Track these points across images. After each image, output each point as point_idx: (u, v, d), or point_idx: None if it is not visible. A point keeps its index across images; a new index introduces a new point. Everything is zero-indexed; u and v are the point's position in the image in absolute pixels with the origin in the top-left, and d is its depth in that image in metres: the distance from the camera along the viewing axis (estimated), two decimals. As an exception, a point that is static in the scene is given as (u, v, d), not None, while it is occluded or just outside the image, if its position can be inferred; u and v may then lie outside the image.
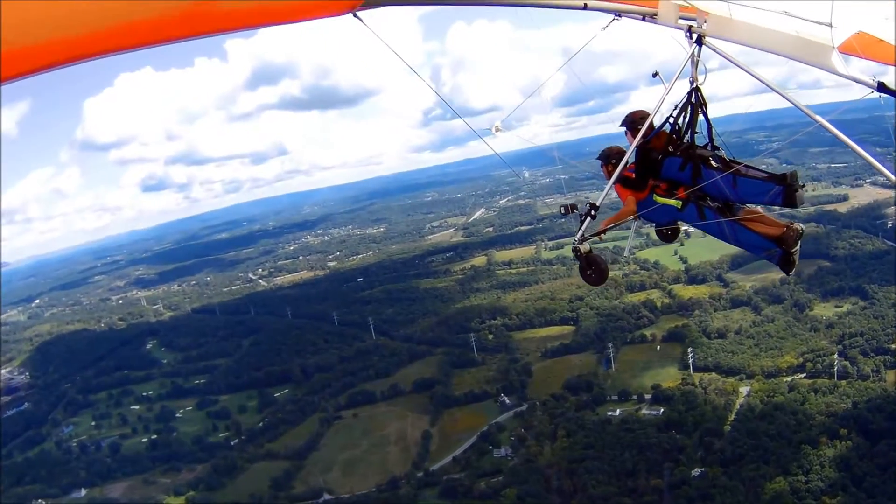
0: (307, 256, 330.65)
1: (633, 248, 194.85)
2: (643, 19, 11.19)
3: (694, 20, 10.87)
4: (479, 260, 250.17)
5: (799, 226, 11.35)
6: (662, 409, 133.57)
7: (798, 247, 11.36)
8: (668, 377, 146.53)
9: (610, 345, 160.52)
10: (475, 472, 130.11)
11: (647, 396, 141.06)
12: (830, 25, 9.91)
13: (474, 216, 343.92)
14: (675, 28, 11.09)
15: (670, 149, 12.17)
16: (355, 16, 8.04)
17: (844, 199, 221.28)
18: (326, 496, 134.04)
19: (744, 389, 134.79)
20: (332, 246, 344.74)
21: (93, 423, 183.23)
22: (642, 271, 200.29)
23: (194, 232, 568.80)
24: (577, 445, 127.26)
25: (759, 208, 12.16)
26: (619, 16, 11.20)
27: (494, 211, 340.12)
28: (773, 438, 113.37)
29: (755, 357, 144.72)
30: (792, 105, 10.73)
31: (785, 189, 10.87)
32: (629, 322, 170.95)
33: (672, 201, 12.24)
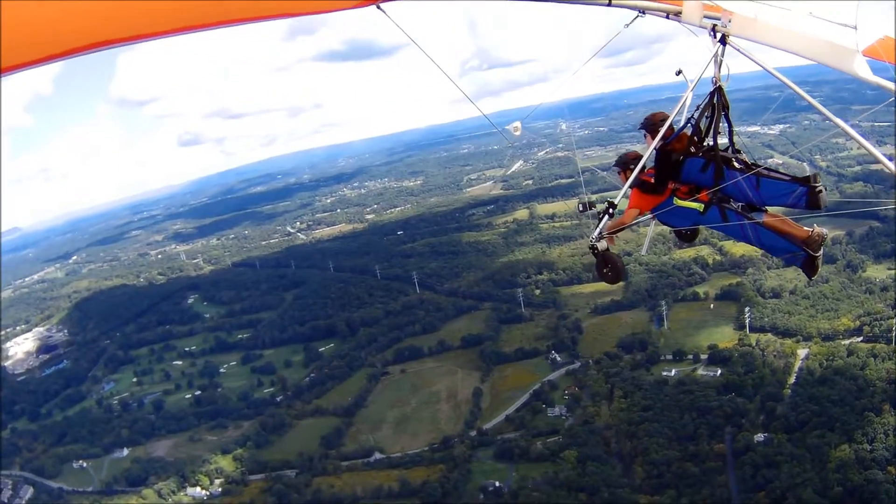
0: (345, 209, 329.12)
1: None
2: (667, 17, 11.01)
3: (718, 19, 10.69)
4: (521, 213, 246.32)
5: (823, 230, 11.36)
6: (720, 371, 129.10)
7: (822, 251, 11.41)
8: (724, 337, 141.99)
9: (663, 302, 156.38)
10: (530, 431, 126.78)
11: (703, 357, 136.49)
12: (855, 28, 9.74)
13: (512, 168, 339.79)
14: (699, 27, 10.93)
15: (692, 150, 11.97)
16: (378, 7, 7.89)
17: (890, 158, 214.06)
18: (378, 455, 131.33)
19: (802, 352, 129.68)
20: (370, 199, 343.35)
21: (134, 380, 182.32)
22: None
23: (230, 186, 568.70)
24: (634, 407, 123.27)
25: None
26: (644, 13, 11.05)
27: (533, 163, 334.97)
28: (835, 404, 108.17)
29: (811, 319, 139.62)
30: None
31: (809, 191, 10.92)
32: (680, 279, 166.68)
33: (694, 204, 12.02)
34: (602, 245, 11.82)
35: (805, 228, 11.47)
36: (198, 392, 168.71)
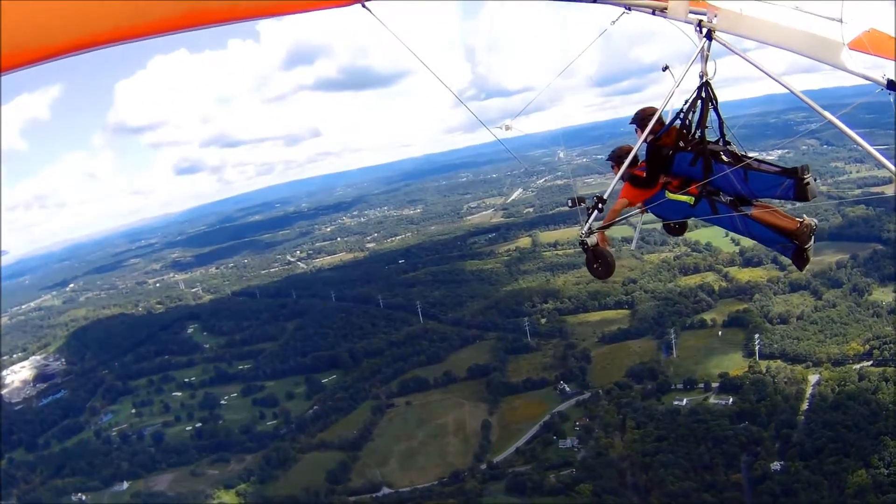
0: (345, 238, 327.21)
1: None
2: (653, 13, 10.99)
3: (704, 14, 10.68)
4: (524, 241, 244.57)
5: (813, 221, 11.38)
6: (732, 399, 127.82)
7: (812, 242, 11.43)
8: (734, 364, 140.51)
9: (671, 330, 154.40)
10: (542, 464, 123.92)
11: (714, 385, 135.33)
12: (841, 21, 9.72)
13: (512, 196, 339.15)
14: (685, 22, 10.93)
15: (681, 144, 12.04)
16: (363, 6, 7.87)
17: (891, 181, 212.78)
18: (386, 490, 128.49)
19: (813, 378, 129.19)
20: (369, 227, 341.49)
21: (133, 411, 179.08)
22: (694, 253, 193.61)
23: (228, 214, 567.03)
24: (648, 437, 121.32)
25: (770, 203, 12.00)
26: (630, 9, 11.04)
27: (532, 191, 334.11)
28: (849, 429, 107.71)
29: (820, 344, 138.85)
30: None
31: (796, 182, 10.90)
32: (687, 306, 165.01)
33: (685, 197, 12.10)
34: (592, 240, 11.98)
35: (794, 219, 11.50)
36: (198, 424, 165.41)
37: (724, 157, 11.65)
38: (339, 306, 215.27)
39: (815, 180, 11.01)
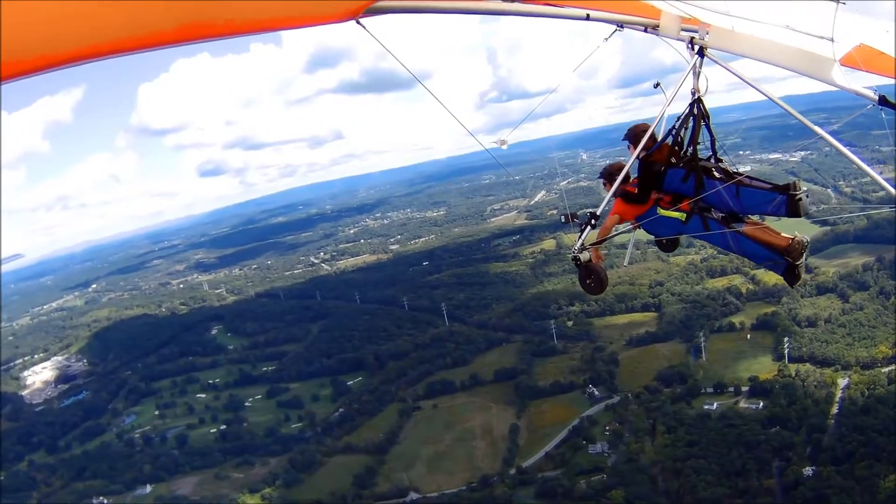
0: (368, 240, 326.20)
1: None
2: (645, 30, 11.17)
3: (696, 32, 10.77)
4: (548, 243, 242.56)
5: (805, 238, 11.27)
6: (762, 403, 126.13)
7: (804, 259, 11.27)
8: (763, 368, 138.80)
9: (701, 334, 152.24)
10: (572, 469, 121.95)
11: (744, 389, 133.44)
12: (832, 40, 9.65)
13: (536, 198, 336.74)
14: (678, 39, 11.07)
15: (673, 161, 11.93)
16: (358, 23, 7.92)
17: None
18: (413, 495, 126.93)
19: (842, 382, 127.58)
20: (393, 229, 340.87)
21: (156, 413, 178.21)
22: (721, 256, 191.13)
23: (251, 216, 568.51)
24: (679, 442, 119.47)
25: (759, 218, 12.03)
26: (622, 27, 11.17)
27: (556, 193, 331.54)
28: (880, 434, 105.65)
29: (849, 347, 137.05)
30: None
31: (788, 198, 10.80)
32: (715, 309, 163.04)
33: (676, 214, 11.98)
34: (585, 256, 11.69)
35: (786, 236, 11.33)
36: (223, 426, 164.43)
37: (715, 174, 11.58)
38: (364, 308, 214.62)
39: (807, 196, 10.93)
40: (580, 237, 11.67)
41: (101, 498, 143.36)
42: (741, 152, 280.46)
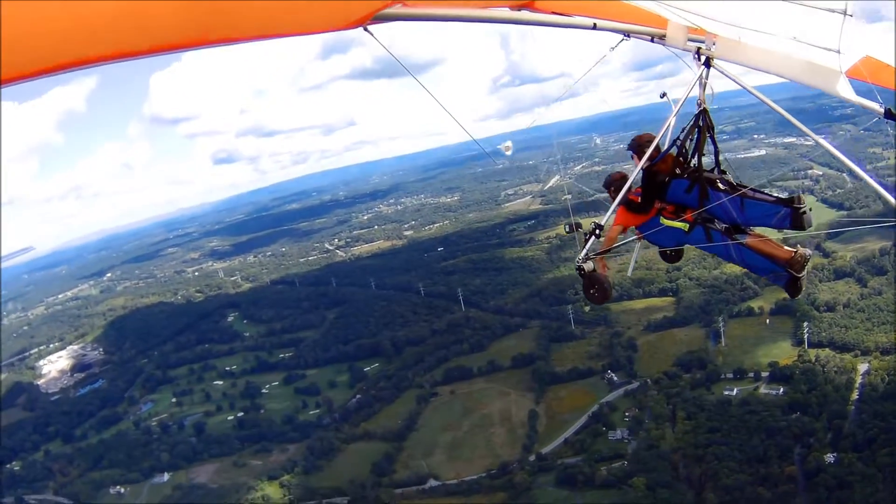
0: (382, 226, 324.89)
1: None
2: (652, 40, 11.12)
3: (702, 42, 10.89)
4: (563, 229, 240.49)
5: (807, 251, 11.27)
6: (783, 389, 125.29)
7: (805, 273, 11.35)
8: (783, 353, 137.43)
9: (720, 318, 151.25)
10: (592, 456, 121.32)
11: (764, 374, 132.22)
12: (838, 52, 9.54)
13: (550, 183, 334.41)
14: (684, 50, 11.05)
15: (677, 171, 12.02)
16: (366, 30, 7.89)
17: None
18: (433, 482, 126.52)
19: (862, 367, 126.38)
20: (407, 215, 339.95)
21: (173, 401, 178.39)
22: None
23: (265, 203, 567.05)
24: (700, 429, 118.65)
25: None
26: (629, 36, 11.19)
27: (570, 177, 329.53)
28: None
29: (868, 332, 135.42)
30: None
31: (792, 211, 10.93)
32: (733, 294, 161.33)
33: (679, 224, 12.05)
34: (589, 266, 11.89)
35: (788, 249, 11.40)
36: (240, 414, 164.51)
37: (720, 185, 11.63)
38: (380, 294, 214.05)
39: (810, 210, 11.04)
40: (584, 247, 11.96)
41: (119, 487, 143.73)
42: (755, 136, 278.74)
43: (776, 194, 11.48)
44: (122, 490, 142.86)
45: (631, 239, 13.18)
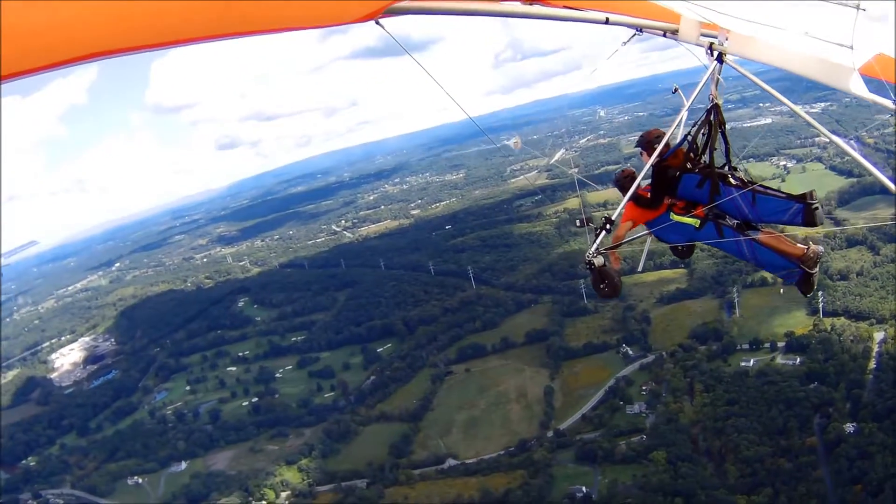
0: (388, 206, 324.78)
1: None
2: (664, 35, 10.97)
3: (715, 37, 10.65)
4: (572, 202, 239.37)
5: (819, 247, 11.35)
6: (799, 359, 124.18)
7: (818, 269, 11.38)
8: (798, 323, 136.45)
9: (734, 289, 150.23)
10: (611, 431, 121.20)
11: (780, 345, 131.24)
12: (851, 48, 9.31)
13: (555, 157, 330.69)
14: (696, 45, 10.82)
15: (688, 166, 11.90)
16: (377, 23, 7.92)
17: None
18: (451, 461, 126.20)
19: (878, 336, 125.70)
20: (412, 194, 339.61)
21: (187, 388, 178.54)
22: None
23: (269, 187, 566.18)
24: (718, 401, 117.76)
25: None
26: (641, 31, 10.99)
27: (576, 151, 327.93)
28: None
29: (882, 301, 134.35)
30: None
31: (805, 208, 10.90)
32: (746, 263, 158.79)
33: (690, 220, 11.92)
34: (599, 260, 11.67)
35: (800, 246, 11.37)
36: (255, 399, 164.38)
37: (731, 181, 11.51)
38: (390, 274, 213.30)
39: (823, 206, 11.07)
40: (595, 242, 11.72)
41: (136, 477, 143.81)
42: (761, 104, 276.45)
43: (787, 191, 11.34)
44: (140, 481, 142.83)
45: (640, 235, 13.05)
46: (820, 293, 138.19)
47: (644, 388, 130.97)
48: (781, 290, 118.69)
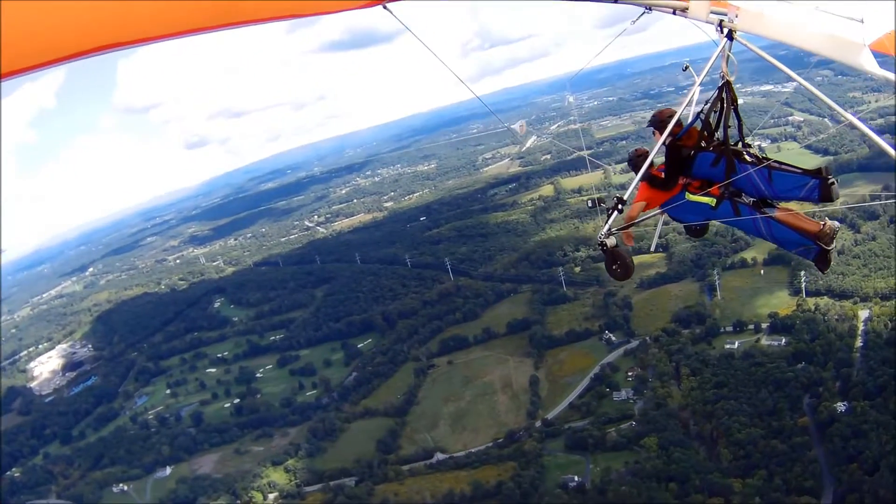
0: (361, 199, 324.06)
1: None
2: (674, 13, 10.67)
3: (725, 14, 10.47)
4: (546, 189, 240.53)
5: (835, 223, 11.30)
6: (785, 339, 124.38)
7: (834, 245, 11.32)
8: (781, 303, 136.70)
9: (716, 271, 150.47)
10: (599, 419, 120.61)
11: (765, 326, 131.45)
12: (862, 22, 9.23)
13: (527, 145, 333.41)
14: (706, 22, 10.64)
15: (702, 145, 11.84)
16: (385, 7, 7.97)
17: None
18: (440, 455, 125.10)
19: (863, 314, 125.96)
20: (385, 186, 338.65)
21: (168, 392, 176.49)
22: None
23: (240, 185, 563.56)
24: (706, 384, 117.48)
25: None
26: (650, 9, 10.75)
27: (548, 138, 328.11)
28: None
29: (866, 278, 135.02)
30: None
31: (821, 183, 10.85)
32: (725, 246, 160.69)
33: (706, 199, 11.86)
34: (611, 241, 11.65)
35: (817, 222, 11.31)
36: (237, 400, 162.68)
37: (746, 158, 11.40)
38: (366, 268, 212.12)
39: (837, 181, 10.96)
40: (607, 222, 11.66)
41: (122, 484, 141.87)
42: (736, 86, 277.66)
43: (801, 167, 11.25)
44: (126, 488, 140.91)
45: (652, 214, 12.85)
46: (802, 273, 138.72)
47: (630, 374, 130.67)
48: (762, 272, 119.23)
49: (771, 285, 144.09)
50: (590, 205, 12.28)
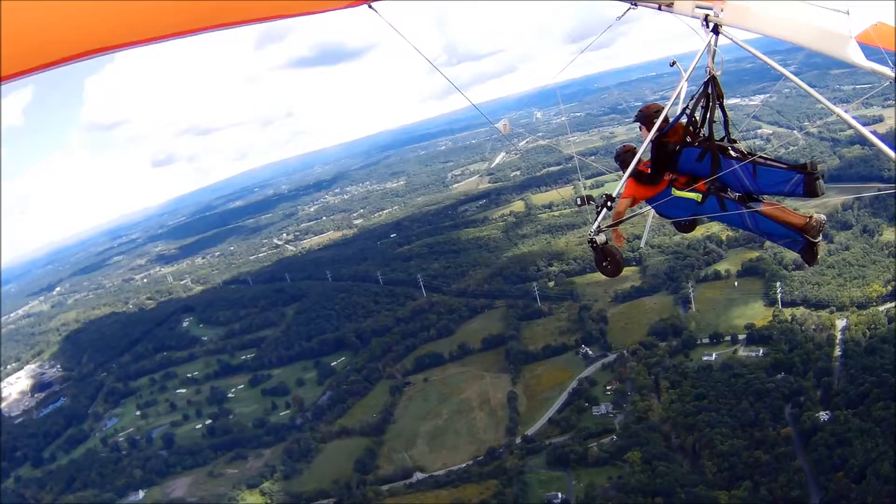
0: (330, 216, 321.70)
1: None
2: (659, 8, 10.96)
3: (710, 9, 10.60)
4: (517, 205, 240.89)
5: (822, 216, 11.24)
6: (762, 350, 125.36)
7: (821, 238, 11.33)
8: (757, 314, 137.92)
9: (690, 284, 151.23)
10: (580, 434, 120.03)
11: (741, 337, 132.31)
12: (847, 13, 9.45)
13: (496, 161, 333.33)
14: (692, 17, 10.80)
15: (688, 140, 11.84)
16: (370, 6, 8.03)
17: (880, 119, 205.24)
18: (419, 475, 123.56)
19: (840, 323, 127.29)
20: (354, 204, 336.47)
21: (138, 413, 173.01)
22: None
23: (208, 203, 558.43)
24: (686, 397, 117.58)
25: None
26: (636, 4, 11.04)
27: (517, 154, 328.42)
28: (891, 373, 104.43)
29: (841, 288, 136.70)
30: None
31: (806, 178, 10.85)
32: (698, 258, 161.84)
33: (692, 194, 11.85)
34: (600, 238, 11.65)
35: (803, 215, 11.28)
36: (209, 421, 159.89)
37: (731, 153, 11.44)
38: (338, 286, 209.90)
39: (824, 177, 10.94)
40: (596, 220, 11.66)
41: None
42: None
43: (787, 162, 11.22)
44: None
45: (640, 211, 13.08)
46: (777, 284, 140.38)
47: (608, 387, 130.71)
48: (736, 283, 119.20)
49: (745, 296, 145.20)
50: (578, 203, 12.21)
